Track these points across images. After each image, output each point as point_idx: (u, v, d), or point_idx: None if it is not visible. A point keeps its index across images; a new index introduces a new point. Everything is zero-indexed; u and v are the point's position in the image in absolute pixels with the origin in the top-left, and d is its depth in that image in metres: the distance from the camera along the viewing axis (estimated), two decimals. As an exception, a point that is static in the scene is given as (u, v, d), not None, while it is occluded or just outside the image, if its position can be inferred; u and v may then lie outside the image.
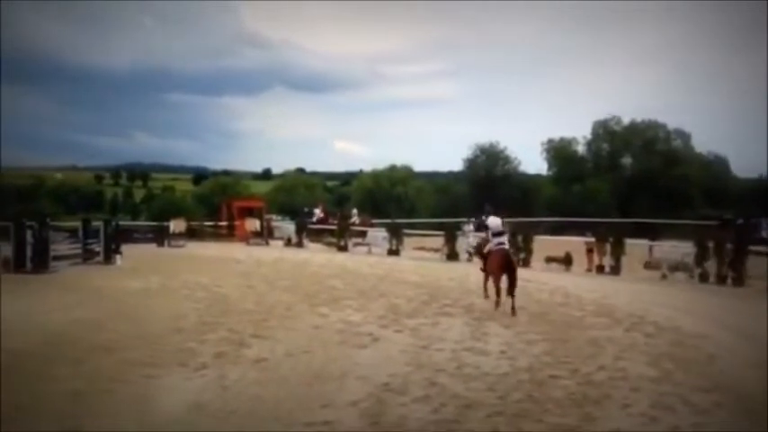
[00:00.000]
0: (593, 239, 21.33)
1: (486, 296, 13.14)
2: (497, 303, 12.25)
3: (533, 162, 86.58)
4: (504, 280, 12.37)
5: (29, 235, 19.02)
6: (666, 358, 8.78)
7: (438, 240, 25.01)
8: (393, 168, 59.15)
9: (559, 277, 18.64)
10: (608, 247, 20.56)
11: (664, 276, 18.99)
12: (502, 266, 12.45)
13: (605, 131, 51.48)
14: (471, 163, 56.88)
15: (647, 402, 6.90)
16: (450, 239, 24.58)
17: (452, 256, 23.98)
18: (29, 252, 18.87)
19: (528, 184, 55.49)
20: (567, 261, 21.05)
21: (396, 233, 26.82)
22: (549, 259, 21.56)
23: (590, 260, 21.00)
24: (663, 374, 7.99)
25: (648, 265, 20.13)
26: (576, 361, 8.51)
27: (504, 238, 13.24)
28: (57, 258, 19.66)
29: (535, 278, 17.35)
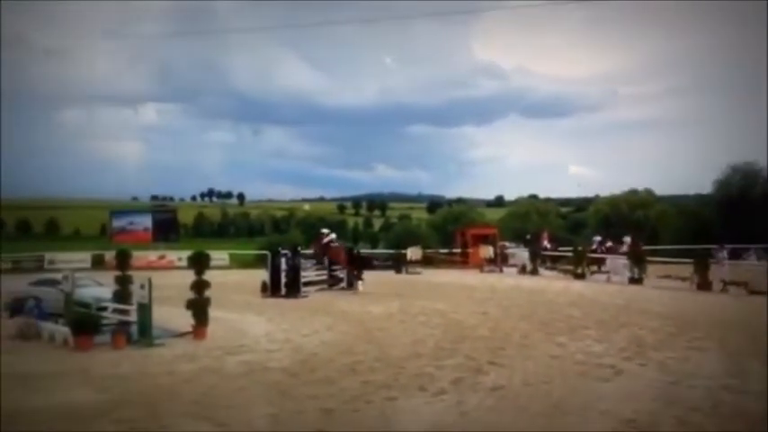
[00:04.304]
0: None
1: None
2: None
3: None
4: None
5: (283, 262, 21.05)
6: None
7: (686, 268, 23.14)
8: (633, 192, 55.98)
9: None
10: None
11: None
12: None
13: None
14: (722, 184, 51.87)
15: None
16: (701, 267, 22.59)
17: (704, 285, 22.02)
18: (283, 278, 20.85)
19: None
20: None
21: (638, 260, 25.32)
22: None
23: None
24: None
25: None
26: None
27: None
28: (306, 284, 21.46)
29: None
